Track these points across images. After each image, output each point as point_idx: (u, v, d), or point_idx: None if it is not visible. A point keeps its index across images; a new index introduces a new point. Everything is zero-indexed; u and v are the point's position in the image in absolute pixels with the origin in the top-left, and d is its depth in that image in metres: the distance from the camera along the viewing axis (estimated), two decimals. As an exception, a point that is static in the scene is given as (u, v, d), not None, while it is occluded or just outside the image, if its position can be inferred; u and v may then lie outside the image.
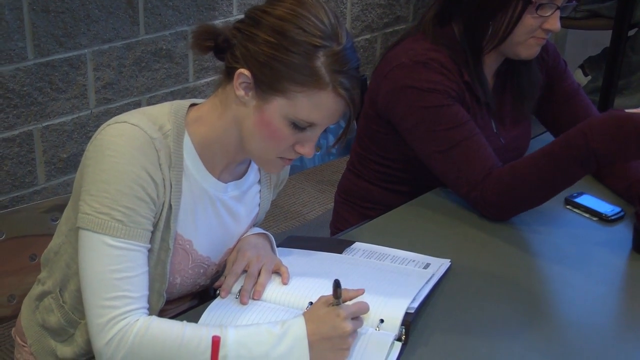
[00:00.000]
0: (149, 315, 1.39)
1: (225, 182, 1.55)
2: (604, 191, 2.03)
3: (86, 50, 3.00)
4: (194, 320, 1.43)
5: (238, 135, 1.47)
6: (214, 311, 1.49)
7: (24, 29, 2.80)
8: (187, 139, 1.48)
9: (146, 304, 1.40)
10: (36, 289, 1.63)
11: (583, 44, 4.55)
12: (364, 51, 4.15)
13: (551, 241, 1.85)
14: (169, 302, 1.55)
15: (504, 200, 1.86)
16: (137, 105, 3.21)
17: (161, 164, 1.42)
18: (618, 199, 2.00)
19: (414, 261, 1.69)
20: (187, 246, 1.52)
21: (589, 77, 4.12)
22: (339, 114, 1.43)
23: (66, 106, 3.01)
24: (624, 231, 1.87)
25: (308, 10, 1.39)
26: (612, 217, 1.92)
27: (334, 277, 1.40)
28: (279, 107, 1.40)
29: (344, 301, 1.42)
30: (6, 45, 2.77)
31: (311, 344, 1.35)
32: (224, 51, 1.45)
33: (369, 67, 4.16)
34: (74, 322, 1.56)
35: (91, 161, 1.40)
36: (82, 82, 3.02)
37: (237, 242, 1.62)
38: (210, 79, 3.47)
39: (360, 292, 1.48)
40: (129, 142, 1.39)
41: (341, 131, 1.49)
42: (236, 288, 1.54)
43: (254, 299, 1.52)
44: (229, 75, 1.44)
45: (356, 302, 1.45)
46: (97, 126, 3.06)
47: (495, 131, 2.04)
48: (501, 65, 2.05)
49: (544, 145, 1.81)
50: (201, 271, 1.58)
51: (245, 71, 1.40)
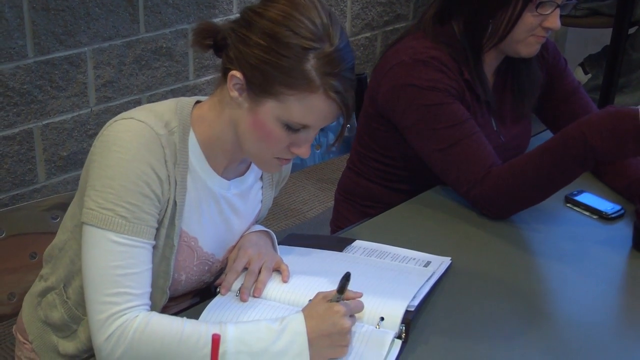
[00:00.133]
0: (150, 311, 1.39)
1: (229, 180, 1.55)
2: (604, 189, 2.03)
3: (86, 49, 3.00)
4: (194, 317, 1.43)
5: (235, 135, 1.46)
6: (214, 309, 1.49)
7: (24, 27, 2.80)
8: (192, 136, 1.48)
9: (148, 301, 1.40)
10: (38, 285, 1.63)
11: (583, 42, 4.55)
12: (364, 49, 4.15)
13: (551, 239, 1.85)
14: (172, 299, 1.56)
15: (503, 199, 1.86)
16: (137, 104, 3.21)
17: (167, 161, 1.42)
18: (618, 197, 1.99)
19: (414, 259, 1.69)
20: (192, 243, 1.52)
21: (589, 75, 4.12)
22: (332, 116, 1.41)
23: (66, 104, 3.01)
24: (624, 229, 1.86)
25: (300, 12, 1.36)
26: (612, 215, 1.92)
27: (334, 276, 1.40)
28: (271, 110, 1.39)
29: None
30: (6, 43, 2.77)
31: (310, 340, 1.35)
32: (222, 49, 1.44)
33: (369, 65, 4.15)
34: (77, 318, 1.56)
35: (97, 157, 1.40)
36: (82, 80, 3.02)
37: (239, 240, 1.62)
38: (210, 77, 3.46)
39: (358, 295, 1.47)
40: (135, 139, 1.39)
41: (338, 132, 1.48)
42: (236, 286, 1.54)
43: (254, 296, 1.52)
44: (224, 75, 1.43)
45: (353, 300, 1.45)
46: (97, 124, 3.08)
47: (495, 129, 2.04)
48: (501, 64, 2.05)
49: (542, 143, 1.81)
50: (206, 268, 1.58)
51: (238, 73, 1.39)
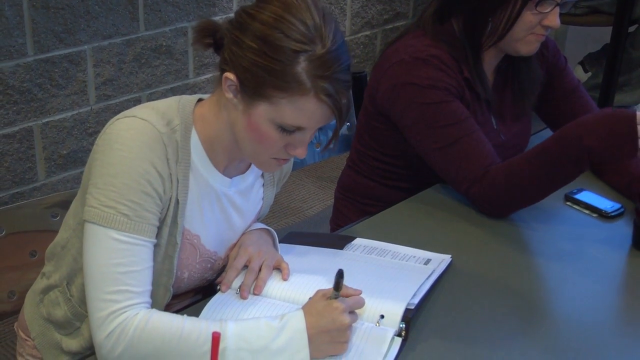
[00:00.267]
0: (150, 309, 1.39)
1: (230, 177, 1.55)
2: (604, 187, 2.03)
3: (86, 47, 3.00)
4: (195, 315, 1.43)
5: (233, 134, 1.46)
6: (214, 306, 1.49)
7: (23, 25, 2.80)
8: (194, 134, 1.48)
9: (148, 299, 1.40)
10: (40, 283, 1.63)
11: (583, 40, 4.54)
12: (363, 47, 4.15)
13: (551, 237, 1.85)
14: (174, 296, 1.56)
15: (501, 198, 1.86)
16: (137, 102, 3.21)
17: (169, 159, 1.42)
18: (618, 195, 2.00)
19: (414, 257, 1.69)
20: (195, 241, 1.52)
21: (589, 73, 4.12)
22: (326, 118, 1.40)
23: (66, 102, 3.01)
24: (623, 227, 1.87)
25: (292, 14, 1.35)
26: (612, 214, 1.92)
27: (335, 274, 1.40)
28: (264, 112, 1.38)
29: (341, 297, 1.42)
30: (6, 41, 2.77)
31: (310, 337, 1.35)
32: (221, 48, 1.44)
33: (368, 63, 4.15)
34: (81, 315, 1.56)
35: (99, 154, 1.41)
36: (82, 78, 3.02)
37: (239, 237, 1.62)
38: (210, 75, 3.46)
39: (358, 292, 1.47)
40: (137, 137, 1.39)
41: (331, 135, 1.46)
42: (237, 283, 1.54)
43: (254, 294, 1.53)
44: (221, 76, 1.43)
45: (353, 296, 1.45)
46: (97, 122, 3.08)
47: (495, 127, 2.04)
48: (501, 62, 2.05)
49: (540, 142, 1.81)
50: (208, 266, 1.58)
51: (231, 75, 1.39)
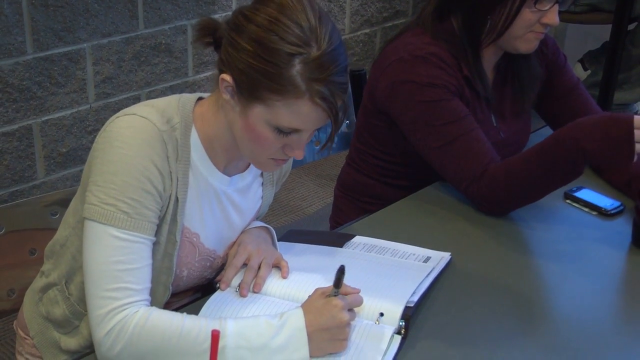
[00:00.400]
0: (150, 307, 1.39)
1: (230, 176, 1.55)
2: (603, 185, 2.03)
3: (85, 45, 3.00)
4: (194, 313, 1.43)
5: (232, 135, 1.46)
6: (213, 304, 1.49)
7: (23, 23, 2.80)
8: (194, 132, 1.48)
9: (148, 297, 1.40)
10: (39, 281, 1.63)
11: (583, 38, 4.54)
12: (363, 45, 4.15)
13: (550, 235, 1.85)
14: (173, 294, 1.56)
15: (499, 197, 1.86)
16: (136, 100, 3.20)
17: (169, 157, 1.42)
18: (618, 193, 1.99)
19: (414, 255, 1.69)
20: (194, 239, 1.52)
21: (589, 71, 4.11)
22: (321, 120, 1.39)
23: (65, 100, 3.00)
24: (623, 225, 1.86)
25: (287, 16, 1.34)
26: (612, 212, 1.92)
27: (334, 272, 1.39)
28: (260, 114, 1.38)
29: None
30: (5, 39, 2.77)
31: (310, 334, 1.36)
32: (220, 48, 1.44)
33: (368, 61, 4.15)
34: (79, 314, 1.56)
35: (99, 152, 1.41)
36: (82, 76, 3.02)
37: (239, 236, 1.62)
38: (209, 73, 3.46)
39: (356, 290, 1.47)
40: (137, 134, 1.39)
41: (327, 136, 1.46)
42: (236, 281, 1.54)
43: (254, 291, 1.53)
44: (219, 76, 1.42)
45: (351, 294, 1.45)
46: (96, 120, 3.08)
47: (495, 125, 2.04)
48: (501, 59, 2.05)
49: (538, 142, 1.81)
50: (207, 264, 1.58)
51: (228, 77, 1.38)
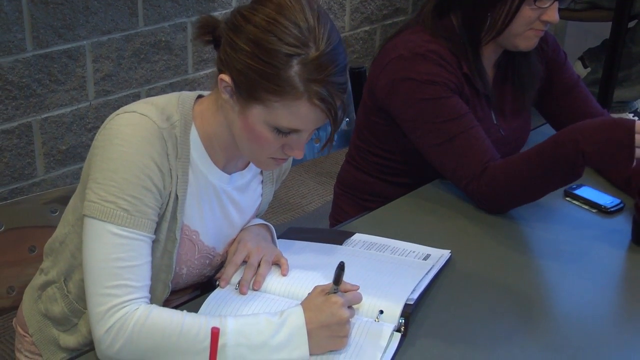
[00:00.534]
0: (150, 304, 1.39)
1: (229, 174, 1.55)
2: (603, 183, 2.03)
3: (85, 42, 2.99)
4: (194, 310, 1.43)
5: (231, 134, 1.46)
6: (213, 301, 1.49)
7: (22, 20, 2.80)
8: (193, 130, 1.48)
9: (147, 294, 1.40)
10: (39, 279, 1.63)
11: (583, 35, 4.54)
12: (363, 43, 4.15)
13: (550, 233, 1.85)
14: (173, 292, 1.56)
15: (499, 195, 1.86)
16: (136, 97, 3.20)
17: (168, 154, 1.42)
18: (617, 190, 2.00)
19: (413, 252, 1.69)
20: (194, 237, 1.52)
21: (589, 69, 4.11)
22: (320, 121, 1.39)
23: (65, 98, 3.00)
24: (623, 223, 1.87)
25: (285, 16, 1.34)
26: (612, 209, 1.92)
27: (334, 269, 1.39)
28: (259, 115, 1.38)
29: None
30: (5, 36, 2.77)
31: (310, 332, 1.36)
32: (219, 46, 1.43)
33: (368, 59, 4.15)
34: (78, 311, 1.56)
35: (99, 150, 1.41)
36: (81, 73, 3.02)
37: (238, 233, 1.62)
38: (209, 70, 3.46)
39: (355, 287, 1.47)
40: (137, 132, 1.39)
41: (327, 137, 1.46)
42: (236, 279, 1.54)
43: (253, 289, 1.53)
44: (218, 76, 1.42)
45: (351, 291, 1.45)
46: (96, 118, 3.08)
47: (495, 123, 2.04)
48: (501, 57, 2.05)
49: (539, 143, 1.81)
50: (207, 262, 1.58)
51: (227, 77, 1.38)
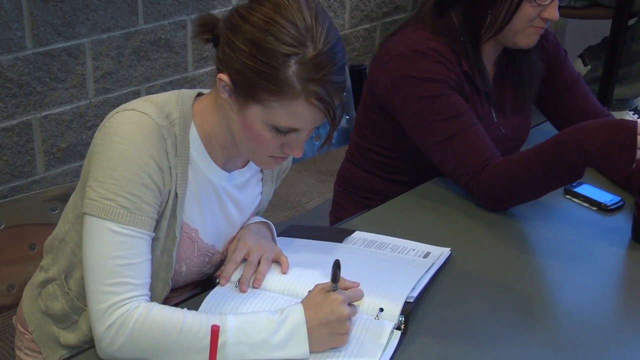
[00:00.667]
0: (150, 302, 1.39)
1: (229, 172, 1.55)
2: (603, 181, 2.03)
3: (85, 40, 2.99)
4: (194, 308, 1.43)
5: (230, 132, 1.46)
6: (213, 299, 1.49)
7: (22, 18, 2.79)
8: (193, 128, 1.48)
9: (148, 292, 1.40)
10: (39, 276, 1.63)
11: (583, 33, 4.53)
12: (363, 41, 4.14)
13: (550, 230, 1.84)
14: (172, 290, 1.56)
15: (499, 194, 1.86)
16: (136, 95, 3.20)
17: (168, 152, 1.42)
18: (618, 188, 2.00)
19: (413, 250, 1.69)
20: (193, 235, 1.53)
21: (589, 66, 4.11)
22: (318, 120, 1.39)
23: (65, 96, 3.00)
24: (623, 221, 1.87)
25: (283, 15, 1.34)
26: (612, 207, 1.92)
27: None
28: (257, 114, 1.38)
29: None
30: (5, 34, 2.76)
31: (310, 329, 1.36)
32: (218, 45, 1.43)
33: (368, 56, 4.14)
34: (78, 309, 1.56)
35: (99, 148, 1.41)
36: (81, 71, 3.02)
37: (238, 231, 1.62)
38: (209, 68, 3.46)
39: (355, 284, 1.48)
40: (137, 130, 1.40)
41: (325, 136, 1.46)
42: (236, 277, 1.54)
43: (253, 287, 1.53)
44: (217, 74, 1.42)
45: (351, 289, 1.45)
46: (96, 116, 3.07)
47: (495, 120, 2.04)
48: (501, 54, 2.04)
49: (540, 143, 1.81)
50: (206, 260, 1.58)
51: (225, 76, 1.38)
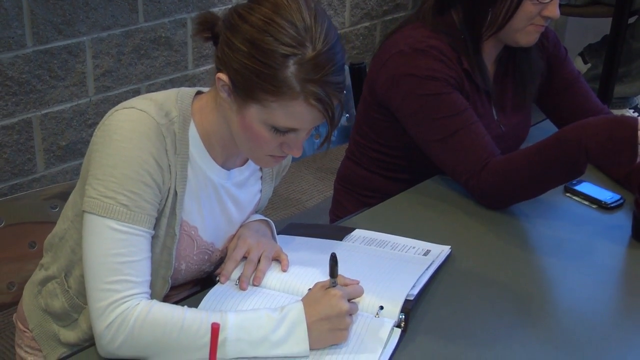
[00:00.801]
0: (151, 300, 1.39)
1: (228, 170, 1.55)
2: (603, 179, 2.03)
3: (85, 38, 2.99)
4: (194, 306, 1.44)
5: (229, 131, 1.47)
6: (213, 297, 1.50)
7: (22, 16, 2.79)
8: (192, 126, 1.48)
9: (148, 289, 1.40)
10: (39, 274, 1.63)
11: (583, 31, 4.53)
12: (363, 39, 4.14)
13: (550, 228, 1.85)
14: (172, 288, 1.56)
15: (498, 192, 1.86)
16: (136, 93, 3.20)
17: (167, 150, 1.42)
18: (618, 186, 1.99)
19: (413, 248, 1.69)
20: (193, 232, 1.53)
21: (589, 64, 4.11)
22: (317, 120, 1.39)
23: (65, 94, 3.00)
24: (623, 219, 1.87)
25: (282, 15, 1.34)
26: (612, 205, 1.92)
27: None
28: (256, 114, 1.38)
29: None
30: (5, 32, 2.76)
31: (310, 325, 1.36)
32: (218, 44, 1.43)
33: (368, 54, 4.14)
34: (78, 307, 1.56)
35: (98, 146, 1.41)
36: (81, 69, 3.02)
37: (238, 229, 1.62)
38: (209, 66, 3.46)
39: (355, 281, 1.48)
40: (136, 128, 1.40)
41: (324, 136, 1.46)
42: (236, 275, 1.54)
43: (253, 285, 1.53)
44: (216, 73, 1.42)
45: (351, 285, 1.46)
46: (96, 114, 3.08)
47: (495, 118, 2.04)
48: (502, 52, 2.04)
49: (540, 140, 1.81)
50: (205, 257, 1.58)
51: (224, 76, 1.38)
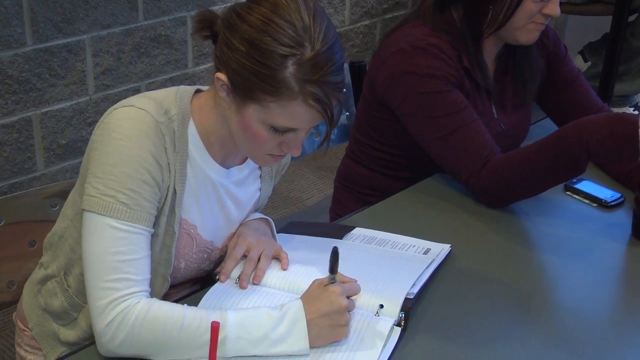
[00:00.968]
0: (151, 298, 1.39)
1: (227, 168, 1.55)
2: (603, 177, 2.03)
3: (85, 36, 2.99)
4: (194, 305, 1.43)
5: (228, 130, 1.47)
6: (213, 296, 1.50)
7: (22, 14, 2.79)
8: (191, 125, 1.48)
9: (148, 288, 1.40)
10: (38, 273, 1.63)
11: (583, 29, 4.53)
12: (363, 37, 4.14)
13: (551, 227, 1.85)
14: (172, 286, 1.56)
15: (498, 190, 1.85)
16: (136, 92, 3.20)
17: (167, 148, 1.42)
18: (618, 184, 1.99)
19: (414, 246, 1.69)
20: (192, 231, 1.53)
21: (589, 63, 4.11)
22: (316, 120, 1.39)
23: (65, 92, 3.00)
24: (623, 217, 1.87)
25: (281, 15, 1.33)
26: (612, 203, 1.92)
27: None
28: (255, 113, 1.38)
29: None
30: (5, 31, 2.76)
31: (309, 322, 1.36)
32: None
33: (368, 53, 4.14)
34: (77, 306, 1.56)
35: (98, 144, 1.41)
36: (81, 68, 3.02)
37: (238, 227, 1.62)
38: (209, 64, 3.45)
39: (353, 280, 1.48)
40: (135, 126, 1.39)
41: (323, 136, 1.45)
42: (236, 273, 1.54)
43: (253, 283, 1.53)
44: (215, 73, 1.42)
45: (349, 282, 1.46)
46: (96, 112, 3.07)
47: (496, 117, 2.04)
48: (502, 51, 2.04)
49: (541, 138, 1.81)
50: (205, 256, 1.58)
51: (223, 75, 1.38)
